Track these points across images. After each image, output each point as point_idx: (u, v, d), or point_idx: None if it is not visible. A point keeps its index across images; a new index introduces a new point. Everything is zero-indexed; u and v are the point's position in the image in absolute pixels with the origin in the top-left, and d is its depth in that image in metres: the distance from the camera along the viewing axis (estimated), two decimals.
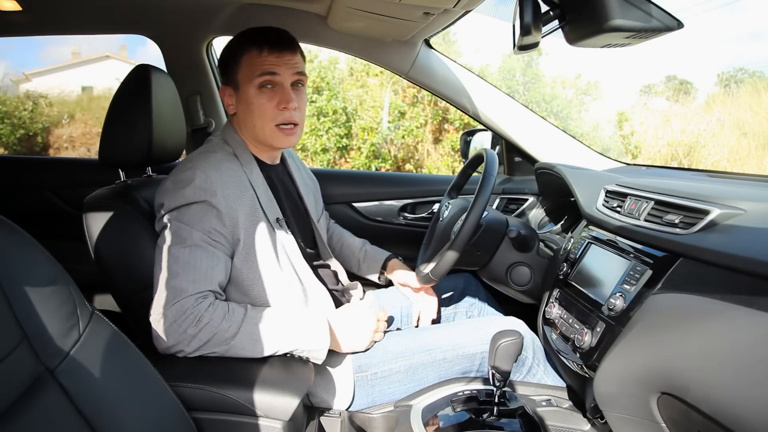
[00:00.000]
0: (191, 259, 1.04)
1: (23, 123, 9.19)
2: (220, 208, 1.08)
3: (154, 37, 1.84)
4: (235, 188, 1.13)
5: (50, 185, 2.03)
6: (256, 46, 1.16)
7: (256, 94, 1.17)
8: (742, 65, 12.88)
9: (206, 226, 1.07)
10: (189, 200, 1.08)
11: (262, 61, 1.16)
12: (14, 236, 0.69)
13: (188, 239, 1.05)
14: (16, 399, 0.64)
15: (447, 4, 1.21)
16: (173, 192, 1.09)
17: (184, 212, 1.08)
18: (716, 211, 0.83)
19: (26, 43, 29.86)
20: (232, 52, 1.20)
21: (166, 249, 1.06)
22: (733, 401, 0.66)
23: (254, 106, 1.17)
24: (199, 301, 1.03)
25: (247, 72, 1.17)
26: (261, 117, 1.18)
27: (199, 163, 1.12)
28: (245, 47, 1.17)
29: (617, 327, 0.91)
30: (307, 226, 1.38)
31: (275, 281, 1.16)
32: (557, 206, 1.66)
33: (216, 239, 1.08)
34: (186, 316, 1.00)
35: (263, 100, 1.17)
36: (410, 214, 1.93)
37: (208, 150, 1.19)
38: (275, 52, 1.17)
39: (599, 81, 9.46)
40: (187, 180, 1.09)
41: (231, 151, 1.19)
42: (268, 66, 1.16)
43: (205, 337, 1.01)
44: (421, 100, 7.60)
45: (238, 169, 1.17)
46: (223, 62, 1.23)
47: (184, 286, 1.02)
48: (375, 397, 1.17)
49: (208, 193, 1.08)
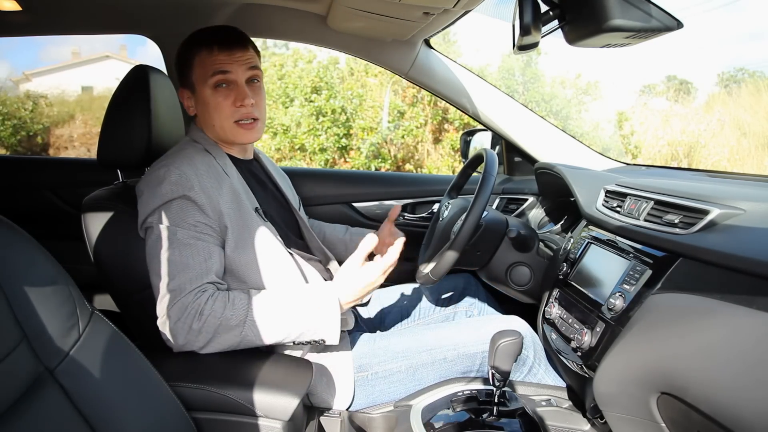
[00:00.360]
0: (183, 259, 1.04)
1: (23, 123, 9.18)
2: (200, 201, 1.08)
3: (154, 38, 1.84)
4: (212, 179, 1.12)
5: (50, 185, 2.02)
6: (206, 46, 1.16)
7: (212, 94, 1.17)
8: (743, 65, 12.88)
9: (190, 220, 1.07)
10: (167, 198, 1.07)
11: (214, 60, 1.15)
12: (14, 236, 0.69)
13: (175, 240, 1.05)
14: (16, 399, 0.64)
15: (447, 4, 1.21)
16: (149, 193, 1.09)
17: (165, 211, 1.07)
18: (716, 211, 0.83)
19: (27, 43, 29.86)
20: (184, 54, 1.19)
21: (158, 255, 1.05)
22: (732, 401, 0.66)
23: (211, 106, 1.17)
24: (198, 295, 1.02)
25: (201, 73, 1.16)
26: (219, 116, 1.18)
27: (171, 160, 1.11)
28: (196, 48, 1.17)
29: (617, 327, 0.91)
30: (290, 216, 1.38)
31: (268, 267, 1.15)
32: (557, 206, 1.66)
33: (203, 231, 1.07)
34: (188, 312, 1.00)
35: (219, 99, 1.17)
36: (410, 214, 1.93)
37: (179, 149, 1.18)
38: (225, 50, 1.16)
39: (599, 81, 9.47)
40: (161, 178, 1.08)
41: (201, 147, 1.19)
42: (220, 65, 1.15)
43: (211, 328, 1.01)
44: (420, 100, 7.60)
45: (212, 161, 1.16)
46: (177, 65, 1.22)
47: (183, 286, 1.02)
48: (375, 397, 1.17)
49: (185, 187, 1.07)
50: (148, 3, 1.64)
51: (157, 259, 1.05)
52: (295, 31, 1.74)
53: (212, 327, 1.01)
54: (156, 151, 1.25)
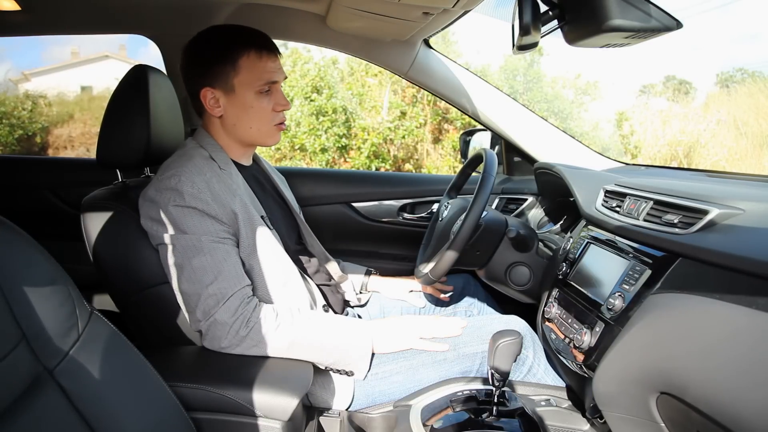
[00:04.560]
0: (215, 263, 1.06)
1: (22, 123, 9.17)
2: (215, 213, 1.09)
3: (154, 37, 1.84)
4: (223, 188, 1.13)
5: (49, 185, 2.02)
6: (255, 51, 1.15)
7: (256, 98, 1.16)
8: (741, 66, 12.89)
9: (209, 228, 1.08)
10: (181, 206, 1.07)
11: (264, 67, 1.16)
12: (13, 236, 0.69)
13: (202, 247, 1.06)
14: (15, 399, 0.64)
15: (446, 4, 1.21)
16: (162, 202, 1.08)
17: (183, 221, 1.07)
18: (715, 210, 0.83)
19: (29, 43, 29.83)
20: (223, 54, 1.14)
21: (187, 261, 1.06)
22: (732, 401, 0.66)
23: (254, 110, 1.17)
24: (247, 301, 1.07)
25: (248, 77, 1.15)
26: (260, 119, 1.18)
27: (180, 169, 1.10)
28: (242, 51, 1.14)
29: (616, 327, 0.91)
30: (292, 221, 1.39)
31: (271, 274, 1.17)
32: (556, 206, 1.66)
33: (224, 237, 1.09)
34: (237, 317, 1.04)
35: (263, 103, 1.17)
36: (409, 214, 1.93)
37: (184, 154, 1.17)
38: (273, 56, 1.17)
39: (599, 81, 9.48)
40: (173, 188, 1.08)
41: (207, 155, 1.18)
42: (271, 73, 1.16)
43: (255, 338, 1.05)
44: (420, 100, 7.60)
45: (218, 170, 1.16)
46: (204, 64, 1.16)
47: (224, 290, 1.05)
48: (374, 397, 1.17)
49: (200, 201, 1.08)
50: (147, 3, 1.64)
51: (187, 266, 1.06)
52: (294, 31, 1.74)
53: (257, 338, 1.05)
54: (155, 151, 1.25)
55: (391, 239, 1.93)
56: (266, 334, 1.05)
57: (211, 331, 1.05)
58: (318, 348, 1.10)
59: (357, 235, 1.61)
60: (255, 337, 1.05)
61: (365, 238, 1.60)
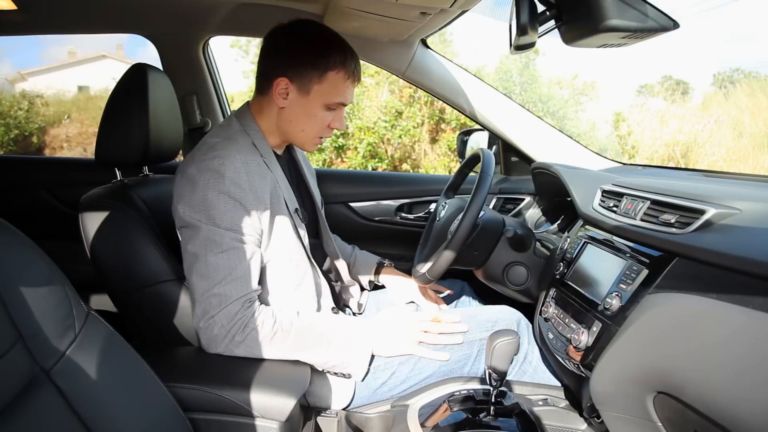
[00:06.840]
0: (230, 263, 1.05)
1: (18, 123, 9.13)
2: (248, 204, 1.08)
3: (151, 37, 1.84)
4: (261, 180, 1.12)
5: (46, 185, 2.02)
6: (345, 71, 1.15)
7: (321, 109, 1.17)
8: (738, 66, 12.94)
9: (238, 222, 1.07)
10: (219, 191, 1.06)
11: (345, 89, 1.17)
12: (10, 236, 0.69)
13: (223, 243, 1.05)
14: (11, 400, 0.63)
15: (443, 4, 1.21)
16: (201, 182, 1.06)
17: (214, 207, 1.05)
18: (712, 210, 0.83)
19: (26, 42, 29.75)
20: (317, 59, 1.13)
21: (203, 255, 1.05)
22: (729, 400, 0.66)
23: (316, 119, 1.17)
24: (246, 306, 1.06)
25: (328, 90, 1.15)
26: (312, 127, 1.19)
27: (225, 152, 1.08)
28: (336, 65, 1.14)
29: (613, 326, 0.91)
30: (313, 214, 1.38)
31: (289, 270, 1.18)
32: (554, 206, 1.66)
33: (247, 233, 1.08)
34: (234, 322, 1.04)
35: (325, 116, 1.18)
36: (407, 214, 1.93)
37: (229, 137, 1.15)
38: (355, 83, 1.19)
39: (596, 81, 9.49)
40: (215, 169, 1.06)
41: (250, 141, 1.17)
42: (346, 97, 1.17)
43: (252, 343, 1.05)
44: (417, 100, 7.59)
45: (260, 160, 1.16)
46: (298, 59, 1.13)
47: (229, 293, 1.05)
48: (372, 396, 1.17)
49: (238, 188, 1.07)
50: (144, 3, 1.64)
51: (202, 259, 1.05)
52: None
53: (253, 343, 1.05)
54: (154, 150, 1.25)
55: (389, 239, 1.93)
56: (262, 341, 1.05)
57: (208, 333, 1.05)
58: (315, 354, 1.10)
59: (354, 235, 1.61)
60: (250, 344, 1.05)
61: (363, 237, 1.60)
